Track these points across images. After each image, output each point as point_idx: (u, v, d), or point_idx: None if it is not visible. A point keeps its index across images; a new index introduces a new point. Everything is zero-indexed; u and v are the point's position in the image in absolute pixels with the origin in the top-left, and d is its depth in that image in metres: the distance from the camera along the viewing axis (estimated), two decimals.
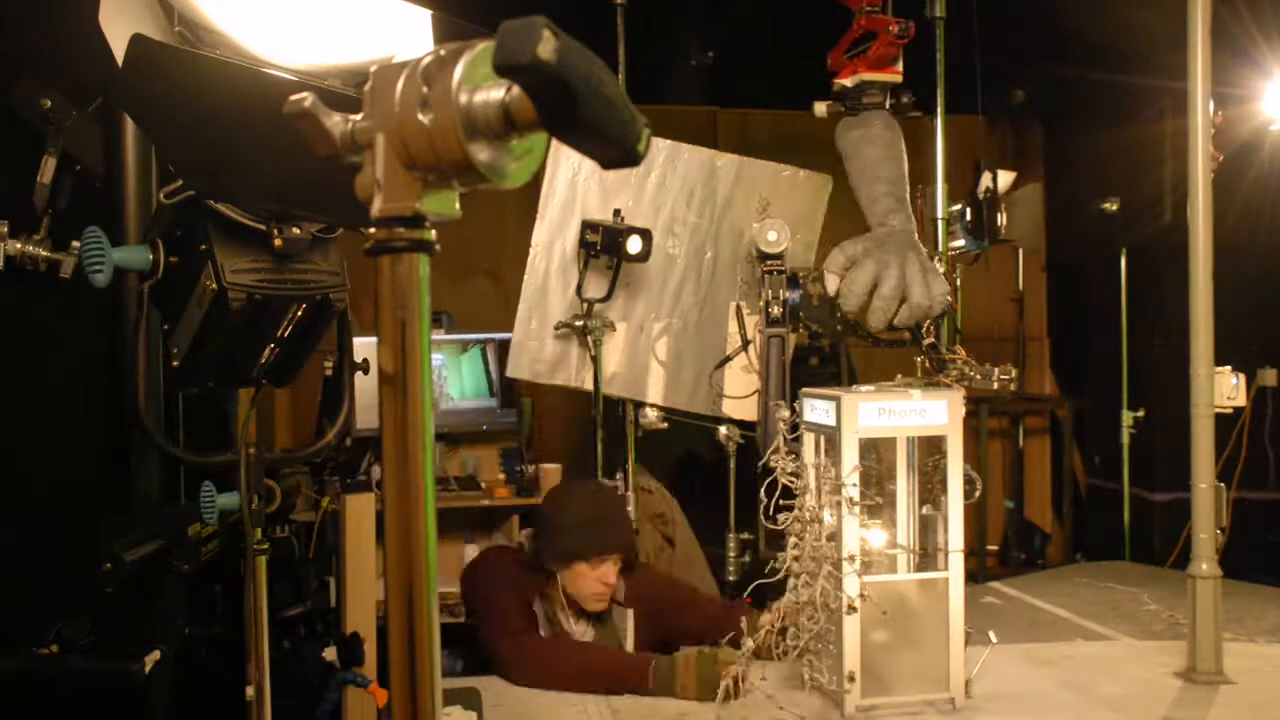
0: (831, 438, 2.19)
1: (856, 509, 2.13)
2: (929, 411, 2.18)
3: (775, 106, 5.29)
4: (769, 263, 2.79)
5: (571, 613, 2.63)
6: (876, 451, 2.28)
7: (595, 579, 2.55)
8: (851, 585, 2.13)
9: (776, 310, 2.78)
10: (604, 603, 2.61)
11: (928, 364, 2.65)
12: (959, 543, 2.22)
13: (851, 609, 2.10)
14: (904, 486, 2.29)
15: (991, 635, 2.24)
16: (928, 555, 2.25)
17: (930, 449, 2.29)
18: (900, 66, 2.79)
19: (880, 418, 2.16)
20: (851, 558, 2.13)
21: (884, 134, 2.64)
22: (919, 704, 2.20)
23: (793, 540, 2.17)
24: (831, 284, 2.24)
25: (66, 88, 2.06)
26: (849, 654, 2.13)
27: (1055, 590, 3.40)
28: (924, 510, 2.29)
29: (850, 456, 2.14)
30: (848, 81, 2.75)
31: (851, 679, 2.11)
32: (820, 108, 2.81)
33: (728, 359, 3.14)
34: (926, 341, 2.77)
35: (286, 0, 1.54)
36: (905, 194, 2.59)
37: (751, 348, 3.06)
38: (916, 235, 2.61)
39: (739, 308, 3.18)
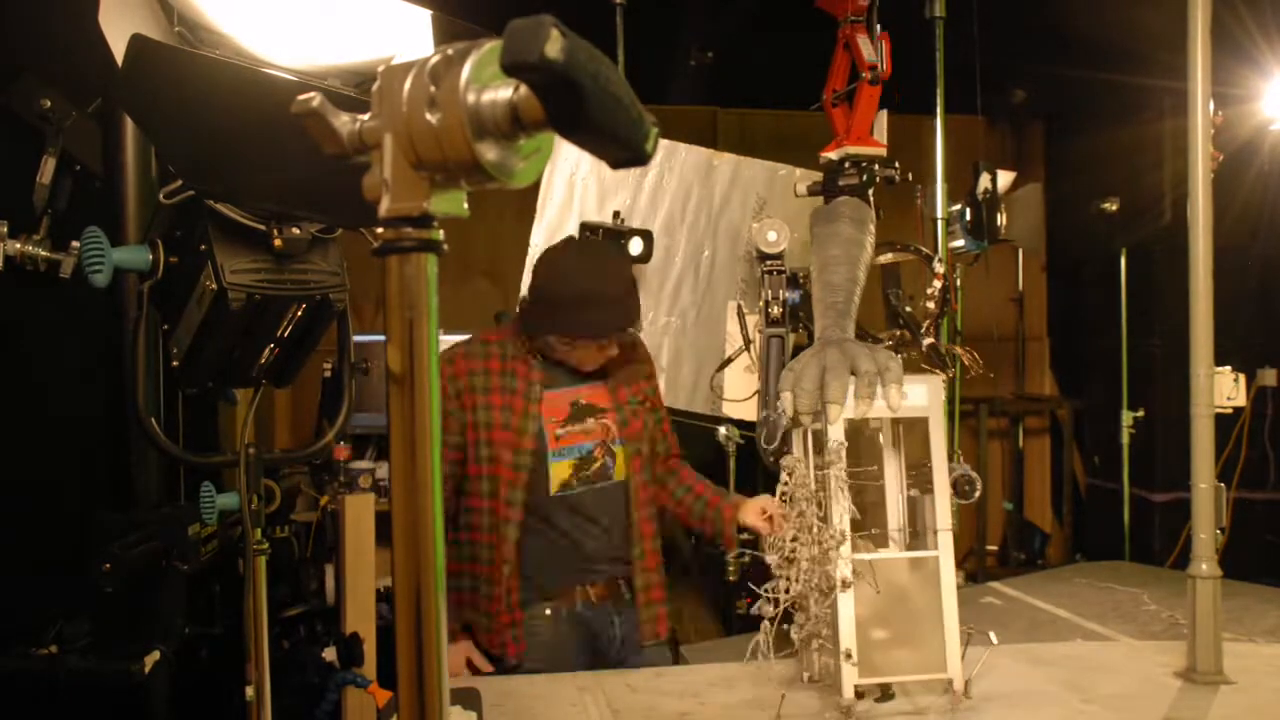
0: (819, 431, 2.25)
1: (845, 488, 2.18)
2: (910, 395, 2.27)
3: (775, 106, 5.30)
4: (769, 263, 2.79)
5: (537, 362, 2.53)
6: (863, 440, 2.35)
7: (595, 350, 2.48)
8: (844, 563, 2.17)
9: (776, 310, 2.78)
10: (597, 364, 2.54)
11: (925, 365, 2.65)
12: (947, 521, 2.26)
13: (845, 585, 2.14)
14: (891, 470, 2.35)
15: (992, 636, 2.24)
16: (916, 535, 2.30)
17: (923, 439, 2.33)
18: (882, 136, 2.72)
19: (862, 405, 2.23)
20: (844, 534, 2.17)
21: (846, 229, 2.58)
22: (917, 685, 2.21)
23: (791, 534, 2.20)
24: (788, 401, 2.31)
25: (66, 88, 2.06)
26: (844, 633, 2.17)
27: (1055, 590, 3.40)
28: (911, 493, 2.34)
29: (838, 447, 2.20)
30: (833, 155, 2.70)
31: (849, 657, 2.15)
32: (800, 188, 2.78)
33: (728, 360, 3.13)
34: (926, 341, 2.77)
35: (286, 0, 1.54)
36: (854, 297, 2.55)
37: (752, 348, 3.05)
38: (854, 337, 2.59)
39: (739, 307, 3.18)
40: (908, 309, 2.80)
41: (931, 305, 2.76)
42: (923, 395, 2.32)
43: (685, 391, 3.29)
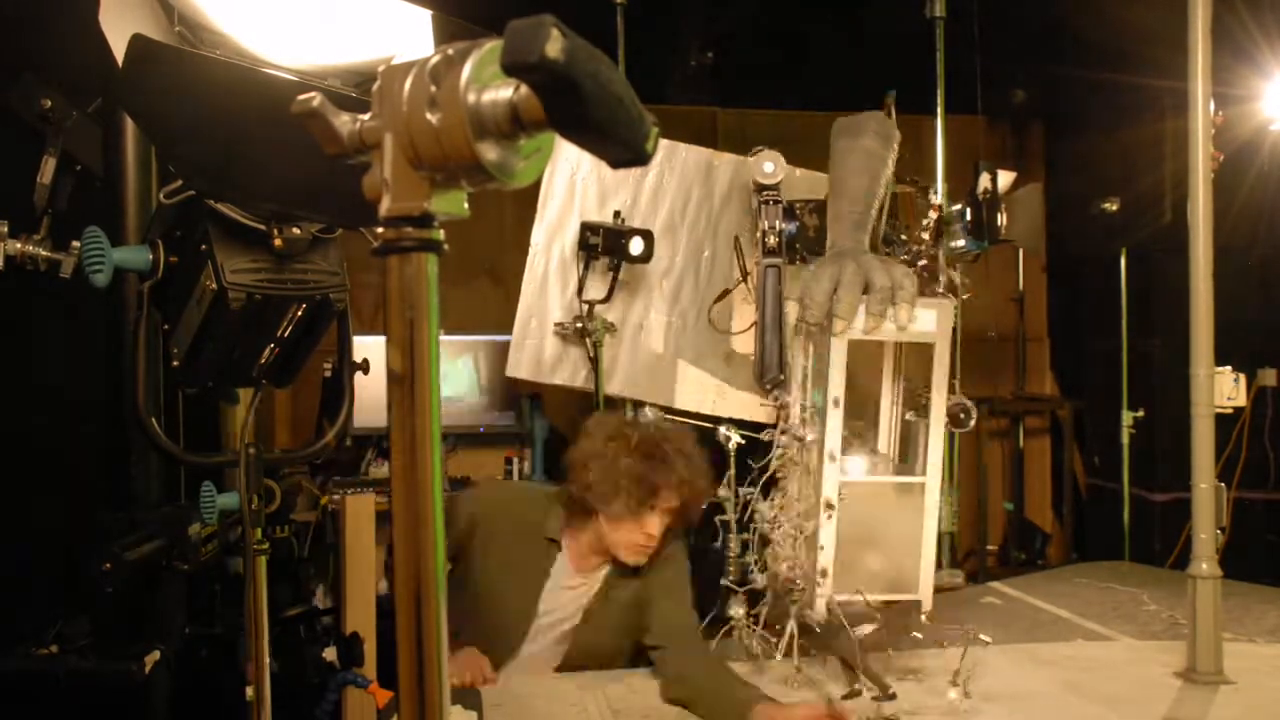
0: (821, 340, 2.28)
1: (840, 409, 2.20)
2: (919, 319, 2.28)
3: (775, 106, 5.29)
4: (765, 193, 2.77)
5: (579, 568, 2.38)
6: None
7: (640, 527, 2.29)
8: (831, 485, 2.21)
9: (772, 240, 2.76)
10: (643, 556, 2.34)
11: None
12: (938, 449, 2.32)
13: (830, 507, 2.16)
14: (888, 395, 2.39)
15: (984, 637, 2.24)
16: (906, 460, 2.36)
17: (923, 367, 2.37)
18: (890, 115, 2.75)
19: (871, 321, 2.26)
20: (833, 456, 2.21)
21: (869, 143, 2.59)
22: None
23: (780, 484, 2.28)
24: (794, 310, 2.29)
25: (66, 88, 2.06)
26: (824, 555, 2.20)
27: (1055, 590, 3.40)
28: (907, 416, 2.35)
29: (839, 359, 2.22)
30: None
31: (824, 575, 2.18)
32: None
33: (726, 292, 3.13)
34: (921, 263, 2.72)
35: (286, 0, 1.54)
36: (870, 210, 2.53)
37: (749, 279, 3.03)
38: (869, 250, 2.58)
39: (736, 239, 3.17)
40: (903, 237, 2.80)
41: (927, 236, 2.74)
42: (932, 321, 2.28)
43: (685, 391, 3.29)
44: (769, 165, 2.73)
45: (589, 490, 2.31)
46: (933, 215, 2.65)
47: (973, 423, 2.43)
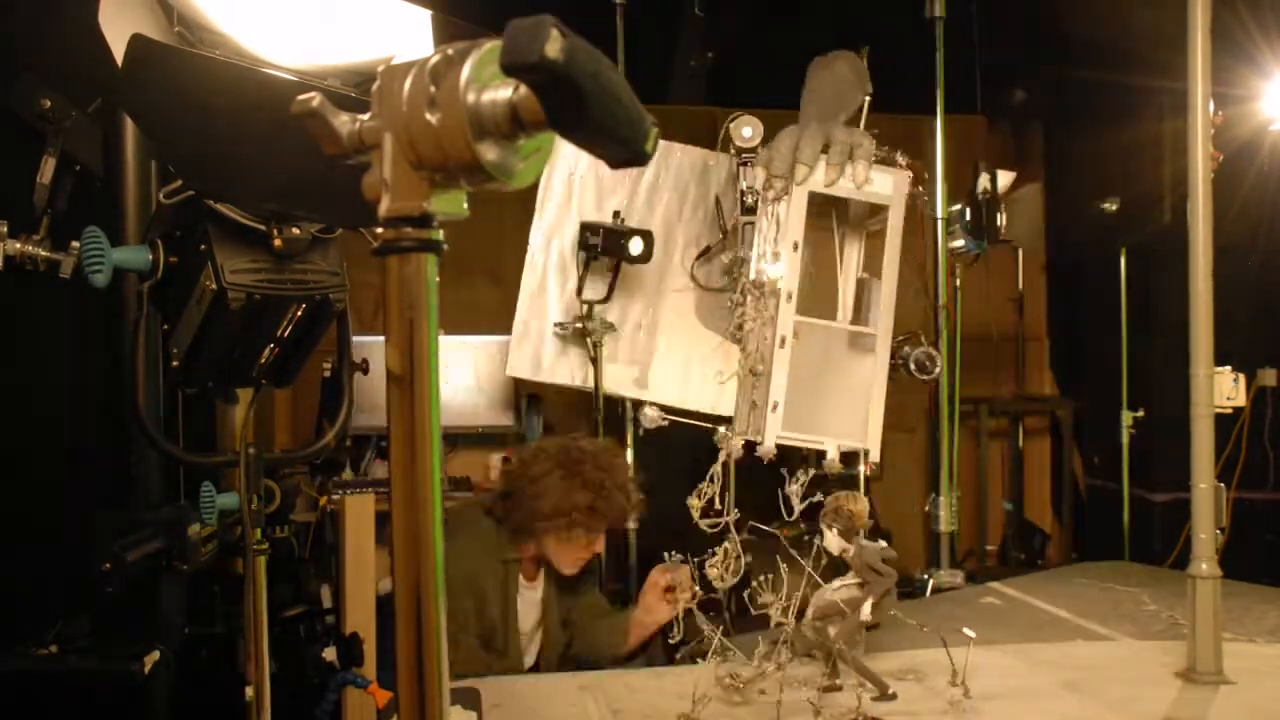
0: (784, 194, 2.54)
1: (799, 253, 2.45)
2: (875, 182, 2.51)
3: (775, 106, 5.29)
4: (744, 155, 2.95)
5: (527, 577, 2.66)
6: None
7: (585, 546, 2.57)
8: (786, 322, 2.44)
9: (751, 200, 2.91)
10: (580, 567, 2.65)
11: None
12: (890, 308, 2.54)
13: (783, 343, 2.41)
14: (851, 256, 2.68)
15: (968, 631, 2.23)
16: (861, 313, 2.62)
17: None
18: (865, 79, 2.94)
19: (831, 173, 2.52)
20: (790, 296, 2.43)
21: (841, 69, 2.80)
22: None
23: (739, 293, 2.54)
24: (760, 172, 2.57)
25: (66, 88, 2.06)
26: (776, 387, 2.42)
27: (1055, 590, 3.40)
28: (862, 275, 2.63)
29: (799, 207, 2.47)
30: None
31: (775, 408, 2.41)
32: None
33: (708, 249, 3.24)
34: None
35: (286, 0, 1.54)
36: (838, 117, 2.73)
37: (731, 236, 3.17)
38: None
39: (717, 199, 3.24)
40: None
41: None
42: (888, 185, 2.51)
43: (682, 390, 3.29)
44: (748, 130, 2.91)
45: (544, 519, 2.56)
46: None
47: (937, 370, 2.77)
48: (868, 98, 2.79)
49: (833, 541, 2.31)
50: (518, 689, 2.37)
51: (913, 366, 3.21)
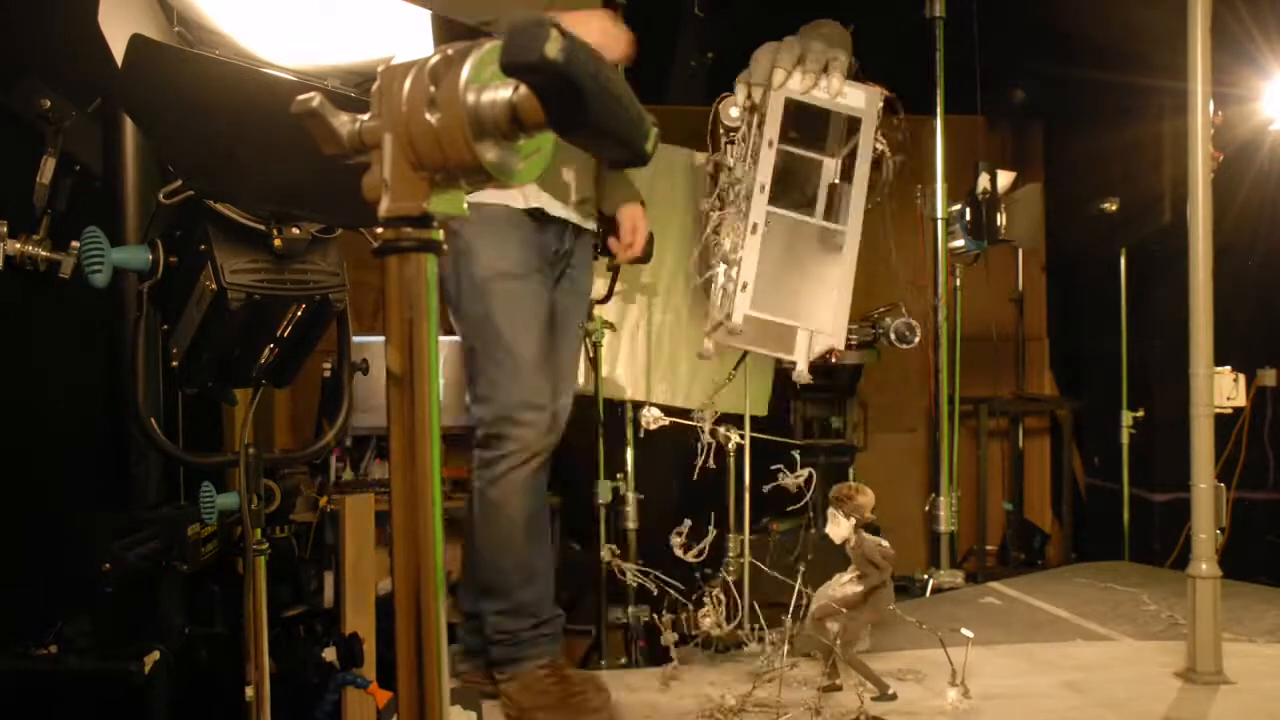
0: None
1: (774, 150, 2.63)
2: (849, 95, 2.70)
3: None
4: (730, 134, 3.06)
5: None
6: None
7: None
8: (759, 211, 2.60)
9: (739, 172, 3.04)
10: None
11: None
12: (860, 210, 2.70)
13: (755, 230, 2.58)
14: (828, 166, 2.88)
15: (966, 631, 2.24)
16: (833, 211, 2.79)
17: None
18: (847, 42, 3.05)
19: (807, 80, 2.69)
20: (763, 187, 2.61)
21: (828, 31, 2.95)
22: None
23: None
24: (741, 92, 2.76)
25: (66, 88, 2.06)
26: (747, 267, 2.59)
27: (1055, 590, 3.40)
28: (833, 180, 2.84)
29: (776, 110, 2.65)
30: None
31: (745, 287, 2.58)
32: None
33: (707, 214, 3.34)
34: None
35: (286, 0, 1.54)
36: (813, 42, 2.86)
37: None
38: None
39: (708, 171, 3.29)
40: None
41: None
42: (861, 99, 2.68)
43: (682, 388, 3.29)
44: (734, 111, 3.05)
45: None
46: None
47: (917, 339, 3.04)
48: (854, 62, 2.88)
49: (842, 527, 2.32)
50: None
51: (893, 336, 3.34)
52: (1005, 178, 4.06)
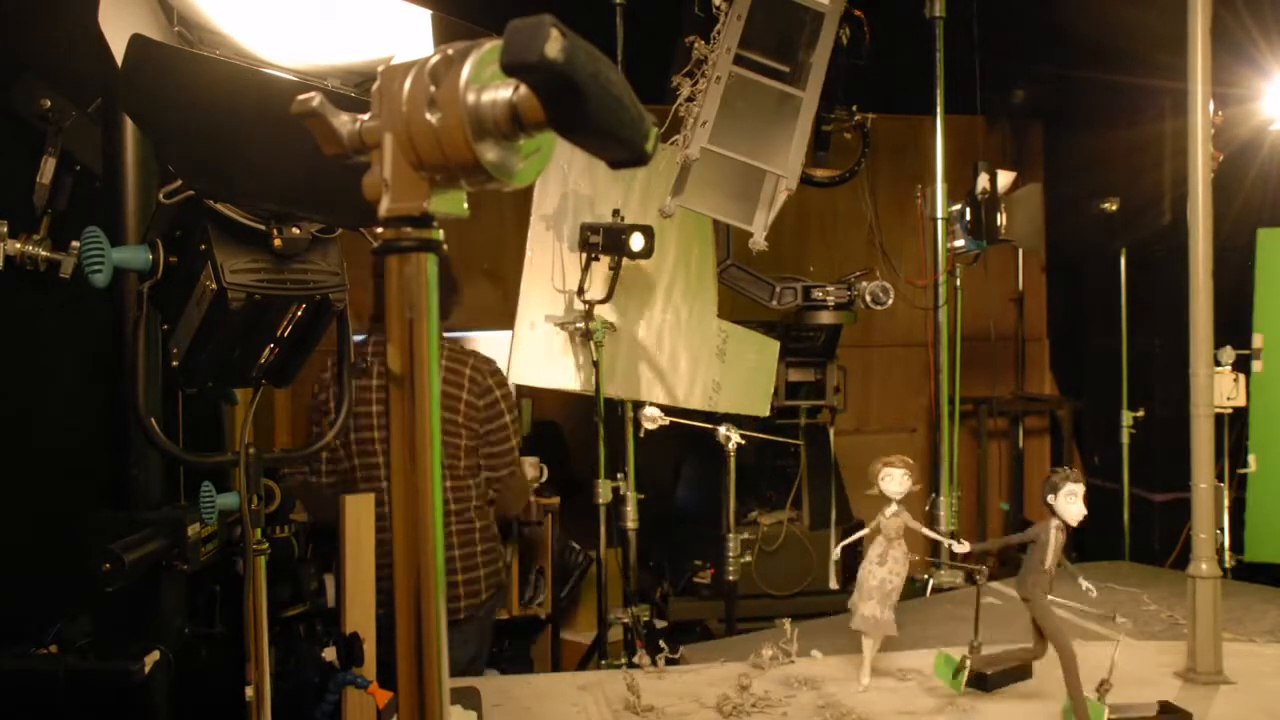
0: None
1: (742, 21, 2.97)
2: None
3: None
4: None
5: None
6: None
7: None
8: (724, 67, 2.93)
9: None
10: None
11: None
12: (820, 80, 2.95)
13: (719, 80, 2.91)
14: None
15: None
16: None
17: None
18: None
19: None
20: (729, 49, 2.93)
21: None
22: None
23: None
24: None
25: (66, 88, 2.06)
26: (709, 105, 2.90)
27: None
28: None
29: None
30: None
31: (704, 124, 2.88)
32: None
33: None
34: None
35: (286, 0, 1.54)
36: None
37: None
38: None
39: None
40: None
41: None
42: None
43: (682, 388, 3.29)
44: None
45: None
46: None
47: (889, 300, 3.28)
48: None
49: (900, 481, 2.28)
50: (518, 689, 2.37)
51: (868, 299, 3.40)
52: (1005, 178, 4.06)
